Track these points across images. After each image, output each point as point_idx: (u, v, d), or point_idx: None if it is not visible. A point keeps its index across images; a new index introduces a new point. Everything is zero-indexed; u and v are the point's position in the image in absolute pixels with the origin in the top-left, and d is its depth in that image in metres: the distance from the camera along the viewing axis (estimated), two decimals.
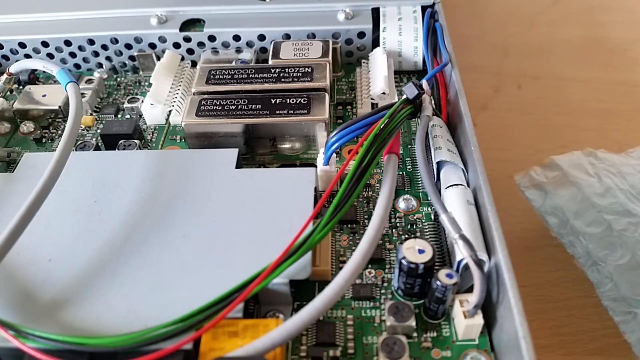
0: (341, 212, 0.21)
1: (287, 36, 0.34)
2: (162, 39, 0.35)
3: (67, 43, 0.36)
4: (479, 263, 0.20)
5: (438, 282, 0.20)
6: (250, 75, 0.30)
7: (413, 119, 0.30)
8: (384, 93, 0.30)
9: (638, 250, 0.27)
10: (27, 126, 0.32)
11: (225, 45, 0.35)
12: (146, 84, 0.35)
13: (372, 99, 0.31)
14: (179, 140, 0.31)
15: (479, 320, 0.20)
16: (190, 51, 0.36)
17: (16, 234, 0.22)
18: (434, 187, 0.23)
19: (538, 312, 0.29)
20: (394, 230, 0.25)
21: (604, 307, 0.27)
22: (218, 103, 0.28)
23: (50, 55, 0.36)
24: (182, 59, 0.35)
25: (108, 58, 0.36)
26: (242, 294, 0.19)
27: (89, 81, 0.34)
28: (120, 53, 0.36)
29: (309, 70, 0.30)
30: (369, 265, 0.24)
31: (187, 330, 0.19)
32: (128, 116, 0.33)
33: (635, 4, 0.53)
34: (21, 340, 0.19)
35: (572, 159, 0.32)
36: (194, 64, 0.36)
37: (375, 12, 0.35)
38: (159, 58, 0.35)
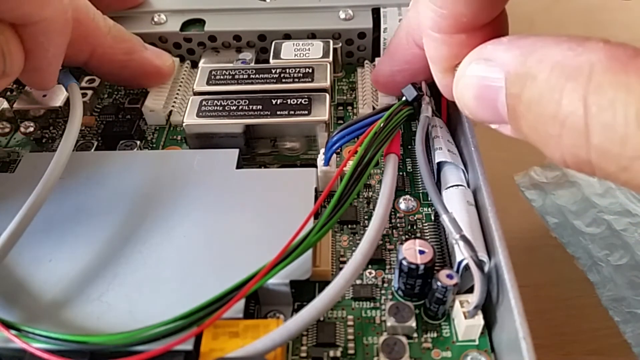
0: (340, 212, 0.21)
1: (288, 36, 0.34)
2: (162, 39, 0.35)
3: None
4: (480, 264, 0.20)
5: (438, 283, 0.20)
6: (251, 75, 0.30)
7: (413, 120, 0.30)
8: None
9: (638, 250, 0.27)
10: (27, 126, 0.32)
11: (226, 45, 0.35)
12: None
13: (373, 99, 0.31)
14: (179, 141, 0.31)
15: (479, 320, 0.20)
16: (190, 51, 0.36)
17: (17, 234, 0.22)
18: (434, 188, 0.23)
19: (538, 312, 0.29)
20: (394, 230, 0.25)
21: (604, 307, 0.27)
22: (219, 103, 0.28)
23: None
24: (183, 59, 0.35)
25: None
26: (240, 293, 0.19)
27: (90, 81, 0.34)
28: None
29: (310, 71, 0.30)
30: (369, 266, 0.24)
31: (187, 328, 0.19)
32: (128, 116, 0.33)
33: (635, 4, 0.53)
34: (23, 339, 0.19)
35: None
36: (194, 64, 0.36)
37: (376, 13, 0.35)
38: None
